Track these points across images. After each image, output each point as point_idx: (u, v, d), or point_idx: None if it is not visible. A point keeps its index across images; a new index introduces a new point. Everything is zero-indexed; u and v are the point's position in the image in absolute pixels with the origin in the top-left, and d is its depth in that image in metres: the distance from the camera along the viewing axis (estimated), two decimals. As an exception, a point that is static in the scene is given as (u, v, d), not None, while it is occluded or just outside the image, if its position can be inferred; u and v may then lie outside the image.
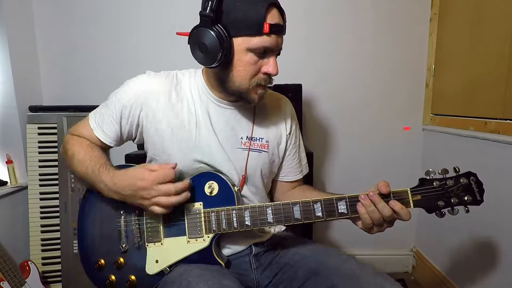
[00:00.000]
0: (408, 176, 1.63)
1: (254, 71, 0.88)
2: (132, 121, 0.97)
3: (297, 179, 1.14)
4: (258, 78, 0.89)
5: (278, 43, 0.87)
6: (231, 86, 0.90)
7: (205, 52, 0.84)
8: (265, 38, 0.84)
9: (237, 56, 0.86)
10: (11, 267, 1.54)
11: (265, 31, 0.82)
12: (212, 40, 0.82)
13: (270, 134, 1.04)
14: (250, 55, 0.86)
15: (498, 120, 1.40)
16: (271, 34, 0.84)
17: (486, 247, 1.46)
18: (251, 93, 0.91)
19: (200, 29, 0.83)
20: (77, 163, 0.94)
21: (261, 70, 0.88)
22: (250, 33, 0.83)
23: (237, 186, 0.97)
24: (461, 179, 0.83)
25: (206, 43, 0.83)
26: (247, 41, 0.84)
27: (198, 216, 0.92)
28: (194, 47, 0.86)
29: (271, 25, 0.82)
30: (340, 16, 1.95)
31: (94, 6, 1.93)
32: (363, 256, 2.10)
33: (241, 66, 0.87)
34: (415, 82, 2.00)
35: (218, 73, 0.91)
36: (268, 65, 0.88)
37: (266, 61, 0.88)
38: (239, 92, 0.90)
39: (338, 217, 0.86)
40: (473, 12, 1.60)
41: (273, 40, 0.85)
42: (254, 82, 0.89)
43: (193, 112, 0.97)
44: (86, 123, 1.00)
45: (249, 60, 0.86)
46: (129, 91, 0.96)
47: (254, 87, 0.90)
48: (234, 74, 0.88)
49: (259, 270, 1.01)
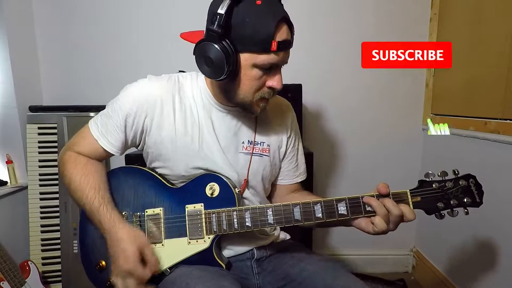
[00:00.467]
0: (408, 176, 1.62)
1: (258, 86, 0.87)
2: (136, 128, 0.95)
3: (294, 183, 1.13)
4: (262, 92, 0.89)
5: (284, 58, 0.86)
6: (235, 98, 0.90)
7: (211, 66, 0.83)
8: (272, 55, 0.83)
9: (243, 71, 0.85)
10: (11, 267, 1.54)
11: (273, 49, 0.81)
12: (218, 55, 0.81)
13: (272, 138, 1.04)
14: (255, 71, 0.85)
15: (498, 120, 1.40)
16: (279, 52, 0.83)
17: (486, 247, 1.46)
18: (254, 106, 0.90)
19: (207, 44, 0.82)
20: (73, 192, 0.92)
21: (265, 84, 0.88)
22: (258, 51, 0.82)
23: (238, 188, 0.96)
24: (460, 181, 0.84)
25: (212, 57, 0.81)
26: (254, 58, 0.83)
27: (199, 217, 0.92)
28: (200, 60, 0.85)
29: (279, 43, 0.81)
30: (341, 16, 1.95)
31: (94, 6, 1.93)
32: (363, 256, 2.10)
33: (246, 80, 0.86)
34: (415, 82, 2.00)
35: (223, 84, 0.90)
36: (273, 80, 0.87)
37: (271, 76, 0.87)
38: (242, 104, 0.90)
39: (338, 218, 0.86)
40: (473, 12, 1.60)
41: (280, 57, 0.84)
42: (258, 96, 0.89)
43: (196, 117, 0.96)
44: (86, 133, 0.97)
45: (254, 75, 0.85)
46: (131, 98, 0.93)
47: (258, 100, 0.90)
48: (239, 87, 0.87)
49: (261, 275, 1.01)
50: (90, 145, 0.96)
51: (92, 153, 0.97)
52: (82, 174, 0.92)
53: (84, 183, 0.91)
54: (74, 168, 0.93)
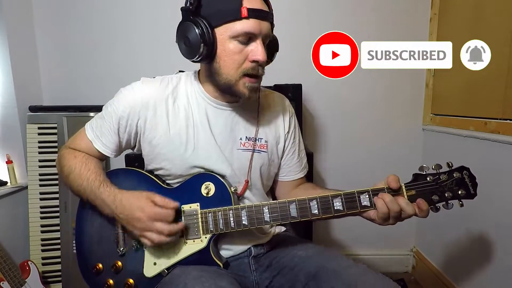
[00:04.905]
0: (408, 176, 1.62)
1: (240, 60, 0.86)
2: (130, 130, 0.96)
3: (298, 178, 1.13)
4: (245, 67, 0.87)
5: (261, 27, 0.85)
6: (219, 79, 0.89)
7: (188, 45, 0.85)
8: (244, 22, 0.82)
9: (221, 46, 0.85)
10: (11, 267, 1.54)
11: (244, 15, 0.82)
12: (193, 32, 0.83)
13: (269, 134, 1.04)
14: (234, 43, 0.85)
15: (498, 120, 1.39)
16: (251, 18, 0.82)
17: (486, 246, 1.46)
18: (240, 85, 0.88)
19: (182, 23, 0.85)
20: (74, 179, 0.93)
21: (248, 58, 0.87)
22: (230, 19, 0.83)
23: (234, 187, 0.96)
24: (454, 173, 0.84)
25: (188, 36, 0.83)
26: (228, 28, 0.84)
27: (195, 217, 0.92)
28: (180, 42, 0.88)
29: (249, 9, 0.82)
30: (341, 16, 1.95)
31: (94, 6, 1.93)
32: (363, 256, 2.10)
33: (226, 56, 0.86)
34: (415, 82, 2.00)
35: (206, 67, 0.91)
36: (253, 52, 0.85)
37: (251, 48, 0.86)
38: (228, 85, 0.89)
39: (334, 214, 0.87)
40: (473, 12, 1.60)
41: (255, 24, 0.83)
42: (241, 72, 0.87)
43: (190, 117, 0.96)
44: (83, 135, 0.99)
45: (233, 48, 0.85)
46: (124, 101, 0.94)
47: (242, 77, 0.88)
48: (221, 65, 0.87)
49: (258, 272, 1.01)
50: (86, 146, 0.99)
51: (89, 153, 0.99)
52: (82, 163, 0.95)
53: (85, 170, 0.93)
54: (73, 159, 0.96)
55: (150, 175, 0.99)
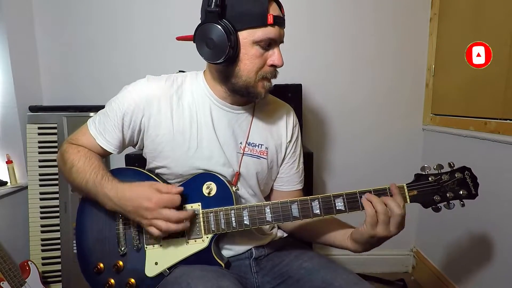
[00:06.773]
0: (408, 177, 1.62)
1: (260, 64, 0.89)
2: (134, 127, 0.95)
3: (295, 190, 1.12)
4: (264, 71, 0.90)
5: (281, 34, 0.89)
6: (238, 81, 0.90)
7: (212, 48, 0.85)
8: (269, 29, 0.85)
9: (244, 50, 0.87)
10: (11, 267, 1.54)
11: (270, 22, 0.84)
12: (220, 34, 0.83)
13: (270, 141, 1.04)
14: (255, 48, 0.87)
15: (498, 120, 1.39)
16: (275, 25, 0.85)
17: (486, 247, 1.46)
18: (258, 87, 0.91)
19: (207, 25, 0.84)
20: (76, 173, 0.92)
21: (266, 62, 0.90)
22: (255, 25, 0.84)
23: (236, 186, 0.96)
24: (456, 173, 0.85)
25: (214, 38, 0.83)
26: (253, 34, 0.85)
27: (197, 217, 0.92)
28: (201, 44, 0.87)
29: (275, 17, 0.84)
30: (341, 16, 1.95)
31: (94, 6, 1.93)
32: (363, 256, 2.08)
33: (247, 60, 0.87)
34: (415, 82, 2.00)
35: (223, 69, 0.91)
36: (273, 57, 0.89)
37: (271, 53, 0.89)
38: (246, 86, 0.90)
39: (336, 213, 0.87)
40: (473, 12, 1.60)
41: (277, 31, 0.87)
42: (261, 75, 0.90)
43: (194, 116, 0.96)
44: (85, 131, 0.98)
45: (255, 53, 0.87)
46: (129, 98, 0.94)
47: (261, 79, 0.90)
48: (241, 68, 0.89)
49: (259, 274, 1.01)
50: (89, 142, 0.97)
51: (91, 149, 0.98)
52: (85, 158, 0.94)
53: (88, 164, 0.92)
54: (76, 153, 0.95)
55: (151, 174, 0.99)
